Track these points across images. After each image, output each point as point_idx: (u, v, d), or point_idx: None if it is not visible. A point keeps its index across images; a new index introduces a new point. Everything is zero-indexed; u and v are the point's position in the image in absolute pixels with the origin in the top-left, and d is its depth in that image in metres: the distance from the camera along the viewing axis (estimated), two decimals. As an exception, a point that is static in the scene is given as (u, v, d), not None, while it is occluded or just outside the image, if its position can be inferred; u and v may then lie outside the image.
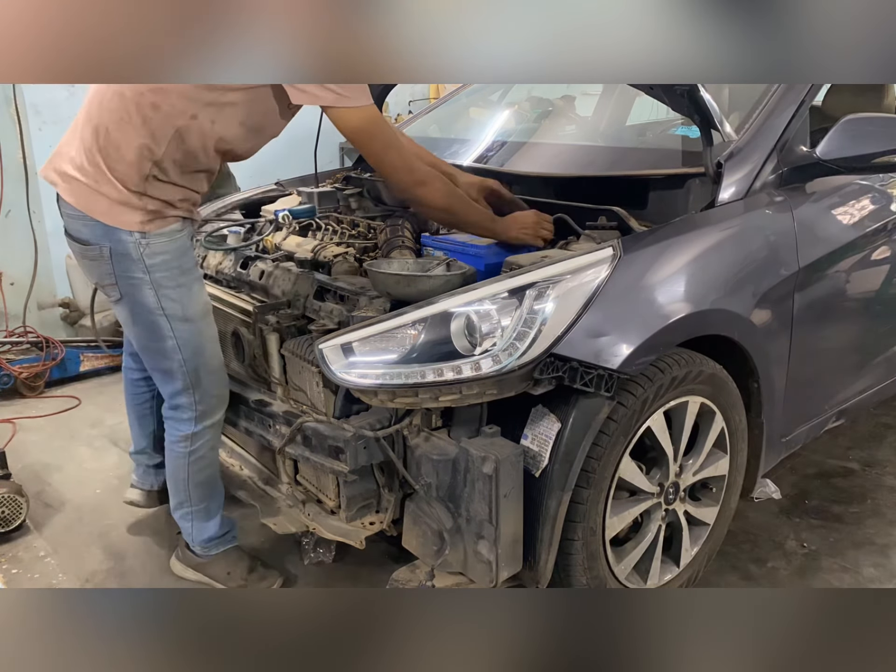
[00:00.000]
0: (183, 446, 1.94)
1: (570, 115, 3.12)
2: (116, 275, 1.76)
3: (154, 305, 1.78)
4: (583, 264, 1.65)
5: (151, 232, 1.74)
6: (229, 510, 2.44)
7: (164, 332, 1.81)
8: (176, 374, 1.86)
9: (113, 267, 1.75)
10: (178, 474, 1.98)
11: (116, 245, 1.73)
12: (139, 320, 1.82)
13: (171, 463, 1.99)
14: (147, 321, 1.81)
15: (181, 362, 1.84)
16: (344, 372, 1.61)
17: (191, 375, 1.86)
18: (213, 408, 1.93)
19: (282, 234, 2.32)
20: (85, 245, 1.77)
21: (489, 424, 1.67)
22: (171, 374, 1.86)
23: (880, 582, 2.15)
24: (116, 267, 1.75)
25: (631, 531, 1.92)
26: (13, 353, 3.47)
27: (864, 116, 1.93)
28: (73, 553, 2.29)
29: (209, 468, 2.00)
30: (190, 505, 2.01)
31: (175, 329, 1.81)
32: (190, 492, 1.99)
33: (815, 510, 2.49)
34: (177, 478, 1.99)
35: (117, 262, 1.75)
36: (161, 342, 1.82)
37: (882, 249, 2.27)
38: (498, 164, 2.44)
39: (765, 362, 1.94)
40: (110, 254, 1.74)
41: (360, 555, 1.99)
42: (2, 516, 2.30)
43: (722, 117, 1.86)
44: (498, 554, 1.61)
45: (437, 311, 1.60)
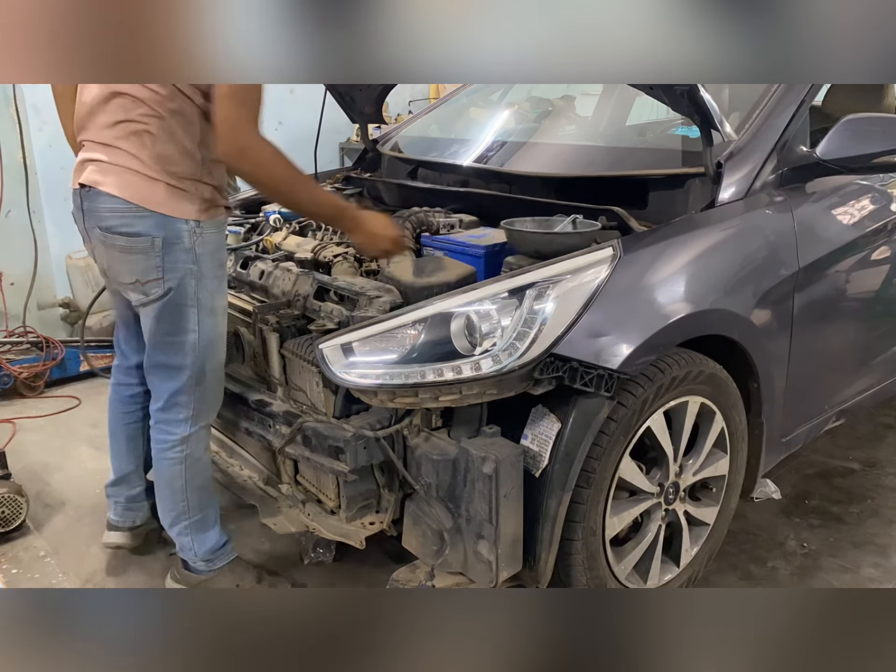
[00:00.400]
0: (178, 451, 1.86)
1: (570, 115, 3.13)
2: (164, 267, 1.72)
3: (191, 296, 1.76)
4: (583, 264, 1.65)
5: (205, 220, 1.74)
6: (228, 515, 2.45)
7: (190, 325, 1.78)
8: (184, 371, 1.81)
9: (162, 259, 1.72)
10: (174, 483, 1.89)
11: (170, 235, 1.70)
12: (168, 312, 1.77)
13: (164, 472, 1.90)
14: (177, 313, 1.77)
15: (194, 358, 1.81)
16: (344, 372, 1.61)
17: (197, 372, 1.82)
18: (209, 407, 1.90)
19: (282, 233, 2.32)
20: (135, 237, 1.70)
21: (489, 424, 1.67)
22: (180, 370, 1.81)
23: (880, 582, 2.15)
24: (166, 258, 1.72)
25: (631, 531, 1.92)
26: (13, 353, 3.47)
27: (864, 116, 1.93)
28: (73, 553, 2.29)
29: (205, 471, 1.95)
30: (188, 516, 1.92)
31: (201, 322, 1.79)
32: (188, 499, 1.90)
33: (815, 510, 2.49)
34: (173, 487, 1.90)
35: (167, 253, 1.71)
36: (182, 335, 1.79)
37: (882, 249, 2.27)
38: (498, 164, 2.44)
39: (765, 362, 1.94)
40: (162, 244, 1.70)
41: (360, 555, 1.99)
42: (2, 516, 2.30)
43: (722, 117, 1.85)
44: (498, 554, 1.61)
45: (437, 311, 1.60)
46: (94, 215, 1.75)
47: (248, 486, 2.09)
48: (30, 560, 2.26)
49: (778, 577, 2.17)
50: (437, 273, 1.80)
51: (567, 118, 3.09)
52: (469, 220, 2.19)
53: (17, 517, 2.33)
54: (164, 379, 1.85)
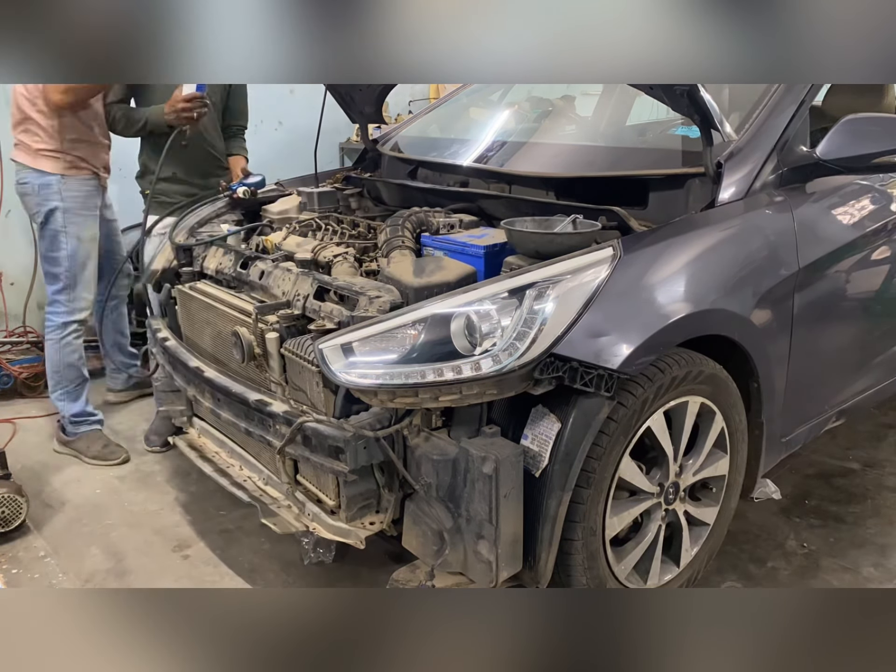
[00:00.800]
0: (57, 334, 2.76)
1: (570, 115, 3.12)
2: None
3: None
4: (583, 264, 1.64)
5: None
6: (229, 510, 2.46)
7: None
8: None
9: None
10: (53, 357, 2.79)
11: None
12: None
13: (48, 350, 2.80)
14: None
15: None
16: (344, 372, 1.61)
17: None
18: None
19: (282, 234, 2.32)
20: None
21: (489, 424, 1.67)
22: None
23: (880, 582, 2.15)
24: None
25: (631, 531, 1.92)
26: (13, 353, 3.47)
27: (864, 116, 1.93)
28: (73, 553, 2.29)
29: (76, 353, 2.81)
30: (62, 386, 2.81)
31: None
32: (63, 372, 2.79)
33: (815, 510, 2.49)
34: (52, 361, 2.80)
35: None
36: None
37: (882, 249, 2.27)
38: (498, 164, 2.44)
39: (765, 362, 1.94)
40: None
41: (360, 555, 1.99)
42: (2, 516, 2.30)
43: (722, 117, 1.85)
44: (498, 554, 1.61)
45: (437, 312, 1.60)
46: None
47: (247, 486, 2.09)
48: (30, 560, 2.26)
49: (778, 578, 2.17)
50: (437, 273, 1.80)
51: (567, 118, 3.09)
52: (469, 220, 2.19)
53: (17, 517, 2.33)
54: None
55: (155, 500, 2.56)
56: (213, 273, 2.30)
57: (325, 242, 2.17)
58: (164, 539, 2.35)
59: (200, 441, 2.34)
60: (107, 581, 2.17)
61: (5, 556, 2.27)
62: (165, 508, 2.52)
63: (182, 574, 2.19)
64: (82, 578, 2.18)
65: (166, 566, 2.21)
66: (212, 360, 2.21)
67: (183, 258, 2.48)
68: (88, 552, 2.30)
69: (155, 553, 2.29)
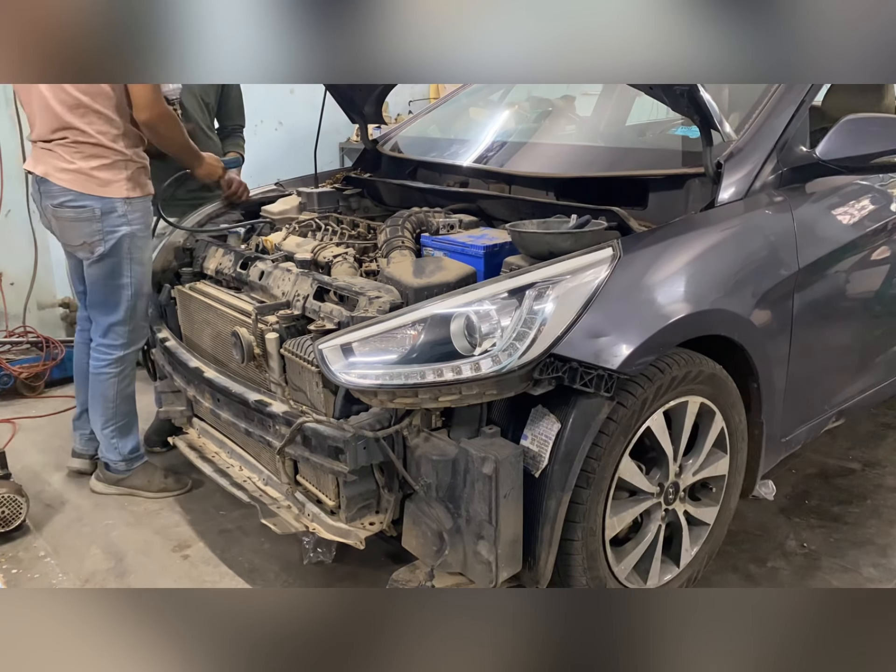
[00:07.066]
0: (114, 367, 2.43)
1: (570, 115, 3.12)
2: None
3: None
4: (583, 264, 1.64)
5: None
6: (229, 510, 2.46)
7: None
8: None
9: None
10: (107, 392, 2.45)
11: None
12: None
13: (100, 385, 2.45)
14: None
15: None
16: (344, 372, 1.61)
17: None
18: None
19: (281, 234, 2.32)
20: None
21: (489, 425, 1.67)
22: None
23: (880, 582, 2.15)
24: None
25: (631, 531, 1.92)
26: (13, 353, 3.47)
27: (864, 116, 1.93)
28: (73, 553, 2.29)
29: (131, 385, 2.51)
30: (115, 421, 2.47)
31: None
32: (117, 407, 2.47)
33: (815, 510, 2.49)
34: (106, 396, 2.46)
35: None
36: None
37: (882, 249, 2.27)
38: (498, 164, 2.44)
39: (765, 362, 1.94)
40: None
41: (360, 555, 1.99)
42: (2, 516, 2.30)
43: (722, 117, 1.85)
44: (498, 554, 1.61)
45: (436, 312, 1.60)
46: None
47: (247, 486, 2.09)
48: (30, 560, 2.26)
49: (778, 577, 2.17)
50: (437, 273, 1.80)
51: (567, 118, 3.09)
52: (469, 221, 2.19)
53: (17, 517, 2.33)
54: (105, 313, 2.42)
55: (155, 500, 2.55)
56: (213, 273, 2.30)
57: (324, 243, 2.17)
58: (164, 539, 2.35)
59: (200, 441, 2.34)
60: (107, 581, 2.17)
61: (5, 556, 2.27)
62: (165, 508, 2.52)
63: (182, 574, 2.19)
64: (82, 578, 2.18)
65: (166, 566, 2.20)
66: (212, 360, 2.21)
67: (183, 258, 2.48)
68: (88, 552, 2.30)
69: (155, 553, 2.29)
